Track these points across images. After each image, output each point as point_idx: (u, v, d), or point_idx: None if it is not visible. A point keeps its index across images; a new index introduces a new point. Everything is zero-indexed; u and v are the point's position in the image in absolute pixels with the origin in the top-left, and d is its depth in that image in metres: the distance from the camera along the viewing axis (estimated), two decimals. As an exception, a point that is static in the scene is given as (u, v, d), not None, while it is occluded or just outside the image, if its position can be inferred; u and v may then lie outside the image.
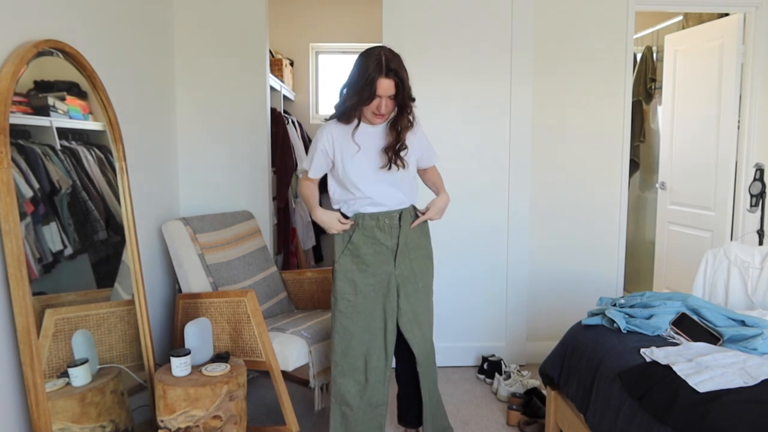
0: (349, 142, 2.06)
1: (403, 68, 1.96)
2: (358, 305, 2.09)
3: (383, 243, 2.09)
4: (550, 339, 3.02)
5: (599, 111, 3.21)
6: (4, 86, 1.58)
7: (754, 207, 2.90)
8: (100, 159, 2.13)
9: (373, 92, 1.92)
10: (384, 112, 1.99)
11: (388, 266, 2.10)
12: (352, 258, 2.10)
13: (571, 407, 2.09)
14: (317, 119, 4.99)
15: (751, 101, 3.36)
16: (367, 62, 1.93)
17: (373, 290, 2.09)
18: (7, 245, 1.57)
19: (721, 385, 1.52)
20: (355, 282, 2.09)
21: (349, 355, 2.10)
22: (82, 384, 1.84)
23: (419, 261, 2.17)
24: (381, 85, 1.92)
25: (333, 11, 4.85)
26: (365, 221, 2.09)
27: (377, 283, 2.09)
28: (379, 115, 2.00)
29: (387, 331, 2.11)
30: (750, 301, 2.40)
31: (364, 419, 2.13)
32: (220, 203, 3.10)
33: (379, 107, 1.96)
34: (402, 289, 2.11)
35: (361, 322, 2.09)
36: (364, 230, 2.09)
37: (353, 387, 2.11)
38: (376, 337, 2.10)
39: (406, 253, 2.12)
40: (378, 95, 1.93)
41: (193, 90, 3.06)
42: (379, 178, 2.07)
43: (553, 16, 3.15)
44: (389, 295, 2.10)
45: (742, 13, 3.35)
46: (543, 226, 3.27)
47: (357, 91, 1.95)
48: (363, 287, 2.09)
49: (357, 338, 2.09)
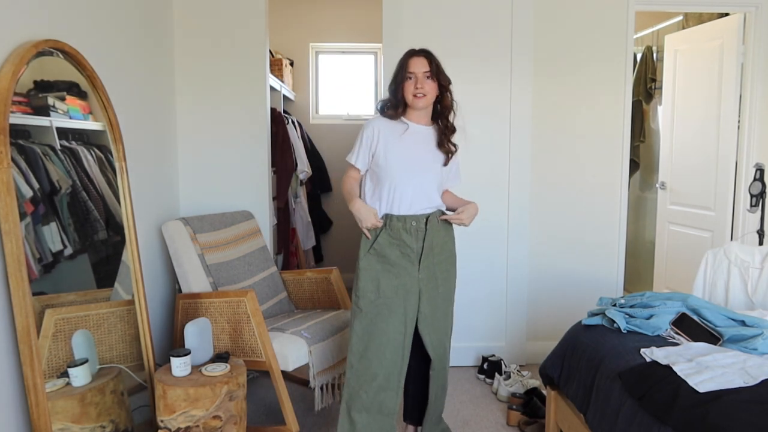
0: (393, 134, 2.09)
1: (434, 55, 2.10)
2: (379, 306, 2.05)
3: (409, 245, 2.07)
4: (550, 339, 3.01)
5: (599, 111, 3.21)
6: (4, 86, 1.58)
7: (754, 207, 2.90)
8: (100, 159, 2.13)
9: (405, 70, 2.04)
10: (425, 91, 2.05)
11: (413, 269, 2.08)
12: (377, 258, 2.07)
13: (571, 407, 2.09)
14: (317, 119, 4.99)
15: (751, 101, 3.35)
16: (401, 57, 2.10)
17: (396, 292, 2.06)
18: (7, 245, 1.57)
19: (721, 385, 1.52)
20: (378, 282, 2.06)
21: (365, 357, 2.06)
22: (82, 384, 1.84)
23: (443, 266, 2.15)
24: (412, 63, 2.05)
25: (333, 11, 4.85)
26: (392, 222, 2.07)
27: (400, 286, 2.06)
28: (421, 96, 2.05)
29: (406, 335, 2.08)
30: (750, 301, 2.40)
31: (374, 427, 2.09)
32: (220, 203, 3.10)
33: (418, 84, 2.03)
34: (424, 294, 2.10)
35: (381, 323, 2.05)
36: (390, 231, 2.07)
37: (367, 391, 2.06)
38: (395, 340, 2.06)
39: (431, 257, 2.11)
40: (411, 71, 2.04)
41: (193, 90, 3.05)
42: (416, 172, 2.09)
43: (553, 16, 3.15)
44: (411, 298, 2.07)
45: (742, 13, 3.35)
46: (543, 226, 3.26)
47: (394, 78, 2.09)
48: (386, 288, 2.06)
49: (376, 340, 2.05)
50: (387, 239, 2.07)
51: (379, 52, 4.90)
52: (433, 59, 2.08)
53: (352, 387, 2.09)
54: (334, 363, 2.52)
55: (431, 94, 2.07)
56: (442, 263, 2.15)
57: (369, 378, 2.06)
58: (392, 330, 2.05)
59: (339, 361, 2.54)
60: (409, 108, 2.10)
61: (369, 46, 4.93)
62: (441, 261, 2.15)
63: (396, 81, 2.08)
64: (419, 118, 2.13)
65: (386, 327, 2.05)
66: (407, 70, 2.05)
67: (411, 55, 2.08)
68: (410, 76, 2.05)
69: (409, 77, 2.05)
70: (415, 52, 2.08)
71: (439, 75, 2.08)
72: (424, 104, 2.08)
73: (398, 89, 2.07)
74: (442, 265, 2.15)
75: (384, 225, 2.08)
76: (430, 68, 2.06)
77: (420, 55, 2.07)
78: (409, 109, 2.11)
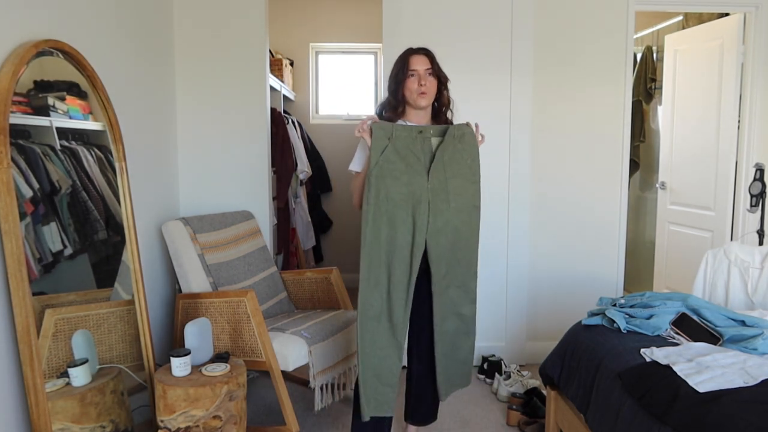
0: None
1: (433, 53, 2.11)
2: (389, 212, 1.98)
3: (417, 155, 2.00)
4: (550, 339, 3.01)
5: (599, 111, 3.21)
6: (4, 86, 1.58)
7: (754, 207, 2.90)
8: (100, 159, 2.13)
9: (407, 68, 2.03)
10: (427, 89, 2.04)
11: (421, 178, 2.00)
12: (387, 164, 1.99)
13: (571, 407, 2.09)
14: (317, 119, 4.99)
15: (751, 101, 3.35)
16: (398, 56, 2.10)
17: (404, 199, 1.99)
18: (7, 245, 1.57)
19: (721, 385, 1.52)
20: (387, 188, 1.98)
21: (372, 266, 1.99)
22: (82, 384, 1.84)
23: (457, 181, 2.06)
24: (414, 60, 2.04)
25: (333, 11, 4.85)
26: (398, 132, 2.00)
27: (409, 194, 1.99)
28: (423, 93, 2.04)
29: (414, 245, 2.00)
30: (750, 301, 2.40)
31: (377, 388, 2.04)
32: (220, 203, 3.10)
33: (420, 82, 2.02)
34: (432, 205, 2.01)
35: (387, 229, 1.98)
36: (397, 141, 1.99)
37: (377, 302, 2.00)
38: (402, 249, 1.99)
39: (442, 169, 2.03)
40: (413, 68, 2.03)
41: (193, 90, 3.05)
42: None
43: (552, 16, 3.15)
44: (420, 206, 2.00)
45: (742, 13, 3.35)
46: (543, 227, 3.27)
47: (394, 78, 2.06)
48: (394, 195, 1.98)
49: (383, 248, 1.99)
50: (393, 152, 1.99)
51: (379, 52, 4.90)
52: (434, 57, 2.08)
53: (364, 300, 2.00)
54: (334, 363, 2.52)
55: (432, 91, 2.07)
56: (456, 177, 2.05)
57: (380, 288, 2.00)
58: (400, 238, 1.99)
59: (339, 361, 2.54)
60: (409, 108, 2.09)
61: (369, 46, 4.93)
62: (455, 175, 2.05)
63: (396, 80, 2.06)
64: (419, 119, 2.12)
65: (394, 233, 1.99)
66: (409, 68, 2.04)
67: (411, 53, 2.07)
68: (412, 73, 2.04)
69: (411, 75, 2.04)
70: (415, 50, 2.08)
71: (439, 72, 2.09)
72: (427, 102, 2.07)
73: (399, 88, 2.05)
74: (456, 179, 2.05)
75: (389, 138, 1.99)
76: (432, 66, 2.06)
77: (420, 53, 2.07)
78: (409, 109, 2.10)
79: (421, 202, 2.00)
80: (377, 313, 2.01)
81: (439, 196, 2.02)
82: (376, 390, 2.04)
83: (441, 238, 2.04)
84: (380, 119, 2.10)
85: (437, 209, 2.02)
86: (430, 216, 2.01)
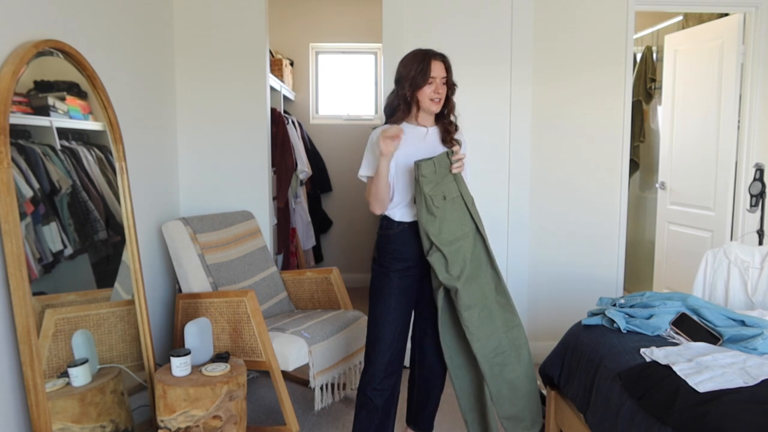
0: (403, 139, 2.03)
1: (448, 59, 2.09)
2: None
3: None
4: (550, 339, 3.01)
5: (599, 111, 3.21)
6: (4, 86, 1.58)
7: (754, 207, 2.90)
8: (100, 159, 2.13)
9: (428, 74, 1.99)
10: (442, 96, 2.04)
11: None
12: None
13: (571, 407, 2.09)
14: (317, 119, 4.99)
15: (751, 101, 3.35)
16: (414, 55, 2.04)
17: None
18: (7, 245, 1.57)
19: (721, 385, 1.52)
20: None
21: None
22: (82, 384, 1.84)
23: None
24: (435, 67, 2.01)
25: (333, 11, 4.85)
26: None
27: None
28: (437, 101, 2.04)
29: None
30: (750, 301, 2.40)
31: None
32: (220, 203, 3.10)
33: (437, 90, 2.02)
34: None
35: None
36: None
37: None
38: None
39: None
40: (433, 76, 2.00)
41: (193, 90, 3.05)
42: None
43: (553, 16, 3.15)
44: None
45: (742, 13, 3.35)
46: (543, 227, 3.26)
47: (411, 80, 2.01)
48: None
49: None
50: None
51: (379, 52, 4.90)
52: (450, 64, 2.07)
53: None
54: (334, 363, 2.52)
55: (443, 98, 2.07)
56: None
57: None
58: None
59: (339, 361, 2.54)
60: (419, 110, 2.08)
61: (369, 46, 4.93)
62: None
63: (414, 83, 2.01)
64: (424, 120, 2.12)
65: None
66: (430, 74, 2.00)
67: (432, 57, 2.02)
68: (432, 81, 2.01)
69: (431, 82, 2.01)
70: (434, 55, 2.03)
71: (450, 80, 2.08)
72: (438, 108, 2.07)
73: (415, 91, 2.03)
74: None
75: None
76: (447, 74, 2.05)
77: (439, 59, 2.04)
78: (419, 111, 2.09)
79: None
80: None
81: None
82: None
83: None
84: (388, 120, 2.10)
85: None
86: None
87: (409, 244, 2.08)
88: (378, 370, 2.09)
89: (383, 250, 2.12)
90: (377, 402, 2.10)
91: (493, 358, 2.06)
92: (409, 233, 2.08)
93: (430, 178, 1.97)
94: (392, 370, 2.11)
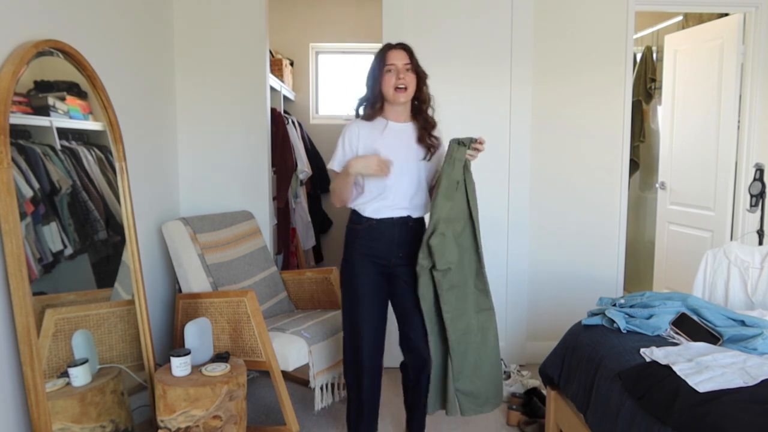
0: (372, 135, 2.05)
1: (412, 48, 2.07)
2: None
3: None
4: (550, 339, 3.01)
5: (599, 111, 3.21)
6: (4, 86, 1.58)
7: (754, 207, 2.90)
8: (100, 159, 2.13)
9: (384, 63, 1.99)
10: (406, 83, 2.01)
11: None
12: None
13: (571, 407, 2.09)
14: (317, 119, 4.99)
15: (751, 101, 3.35)
16: (377, 52, 2.07)
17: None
18: (7, 245, 1.57)
19: (721, 385, 1.52)
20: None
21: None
22: (82, 384, 1.84)
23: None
24: (392, 55, 2.01)
25: (333, 11, 4.85)
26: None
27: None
28: (402, 90, 2.01)
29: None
30: (750, 301, 2.40)
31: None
32: (220, 203, 3.10)
33: (399, 76, 1.99)
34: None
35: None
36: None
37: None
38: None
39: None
40: (391, 63, 1.99)
41: (193, 90, 3.05)
42: (403, 171, 2.06)
43: (553, 16, 3.15)
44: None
45: (742, 13, 3.35)
46: (543, 227, 3.26)
47: (371, 73, 2.03)
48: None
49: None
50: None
51: (379, 52, 4.89)
52: (412, 52, 2.04)
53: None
54: (335, 363, 2.52)
55: (411, 87, 2.03)
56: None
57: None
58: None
59: (339, 361, 2.54)
60: (388, 105, 2.06)
61: (369, 46, 4.92)
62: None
63: (374, 75, 2.02)
64: (398, 116, 2.09)
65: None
66: (386, 63, 2.00)
67: (389, 47, 2.03)
68: (390, 68, 2.00)
69: (389, 70, 2.00)
70: (393, 45, 2.04)
71: (418, 68, 2.05)
72: (406, 98, 2.04)
73: (376, 83, 2.02)
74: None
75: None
76: (411, 61, 2.02)
77: (398, 47, 2.03)
78: (387, 106, 2.07)
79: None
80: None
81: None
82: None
83: None
84: (358, 117, 2.10)
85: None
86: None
87: (376, 240, 2.07)
88: (351, 366, 2.14)
89: (350, 245, 2.12)
90: (360, 398, 2.14)
91: (461, 335, 2.09)
92: (377, 230, 2.07)
93: (461, 162, 2.00)
94: (371, 364, 2.12)
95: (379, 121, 2.08)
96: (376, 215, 2.07)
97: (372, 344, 2.11)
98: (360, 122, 2.09)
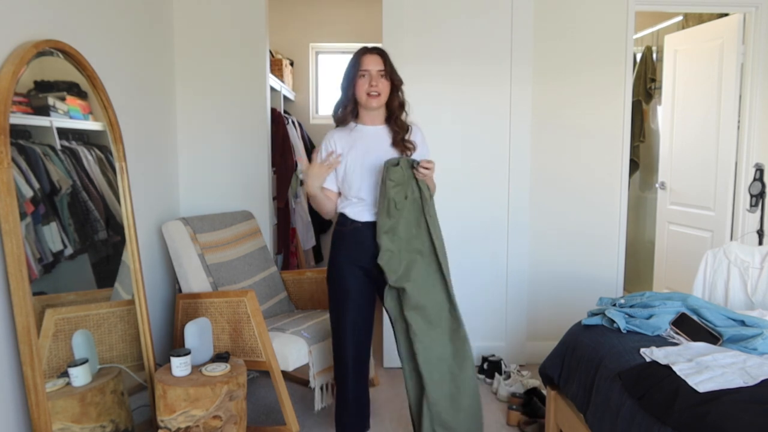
0: (348, 142, 2.07)
1: (387, 54, 2.05)
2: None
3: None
4: (550, 339, 3.02)
5: (599, 111, 3.21)
6: (4, 86, 1.59)
7: (754, 207, 2.90)
8: (100, 159, 2.13)
9: (358, 68, 1.99)
10: (379, 90, 2.00)
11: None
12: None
13: (571, 407, 2.09)
14: (317, 119, 4.99)
15: (751, 101, 3.35)
16: (353, 55, 2.06)
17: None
18: (7, 245, 1.57)
19: (721, 385, 1.52)
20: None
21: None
22: (82, 384, 1.84)
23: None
24: (366, 60, 2.00)
25: (333, 11, 4.85)
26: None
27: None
28: (375, 96, 2.00)
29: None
30: (750, 301, 2.40)
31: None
32: (220, 203, 3.10)
33: (372, 82, 1.98)
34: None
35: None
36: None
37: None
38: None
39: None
40: (365, 68, 1.99)
41: (193, 90, 3.05)
42: (372, 174, 2.05)
43: (553, 16, 3.15)
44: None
45: (742, 13, 3.35)
46: (543, 227, 3.27)
47: (346, 76, 2.04)
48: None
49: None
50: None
51: (379, 52, 4.89)
52: (387, 58, 2.04)
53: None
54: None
55: (385, 93, 2.03)
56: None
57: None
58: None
59: (339, 361, 2.54)
60: (362, 108, 2.06)
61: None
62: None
63: (348, 78, 2.02)
64: (372, 119, 2.09)
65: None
66: (360, 68, 1.99)
67: (364, 52, 2.02)
68: (363, 73, 2.00)
69: (363, 75, 2.00)
70: (368, 50, 2.02)
71: (393, 74, 2.04)
72: (378, 104, 2.03)
73: (350, 87, 2.02)
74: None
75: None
76: (385, 67, 2.01)
77: (374, 52, 2.02)
78: (361, 109, 2.07)
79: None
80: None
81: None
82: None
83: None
84: (334, 119, 2.10)
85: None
86: None
87: (361, 242, 2.07)
88: (337, 364, 2.14)
89: (336, 247, 2.12)
90: (344, 395, 2.14)
91: (436, 364, 2.00)
92: (361, 233, 2.06)
93: (398, 181, 1.97)
94: (356, 369, 2.12)
95: (353, 126, 2.09)
96: (360, 218, 2.07)
97: (355, 344, 2.10)
98: (334, 133, 2.10)
